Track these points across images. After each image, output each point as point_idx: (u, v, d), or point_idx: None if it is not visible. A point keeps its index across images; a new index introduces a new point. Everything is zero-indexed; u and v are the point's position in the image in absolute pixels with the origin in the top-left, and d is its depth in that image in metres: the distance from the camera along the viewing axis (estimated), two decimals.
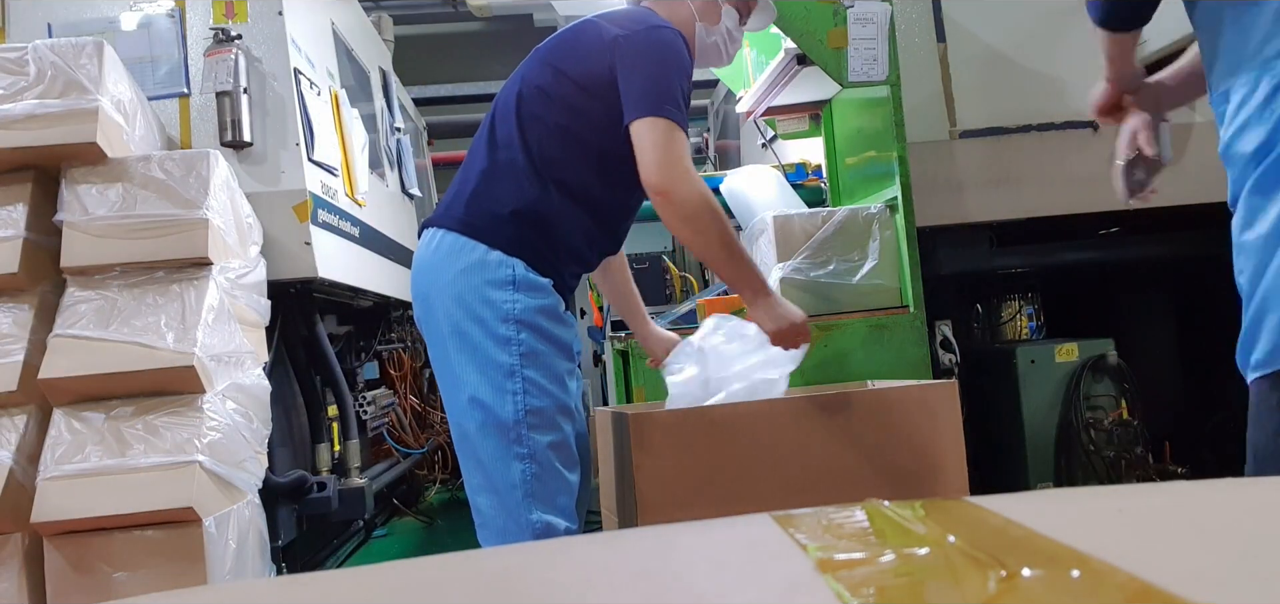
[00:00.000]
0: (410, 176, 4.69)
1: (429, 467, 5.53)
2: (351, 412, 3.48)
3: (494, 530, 1.76)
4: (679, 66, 1.78)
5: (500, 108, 1.88)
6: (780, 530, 0.62)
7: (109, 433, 2.31)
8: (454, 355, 1.75)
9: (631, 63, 1.75)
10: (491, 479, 1.74)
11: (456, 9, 7.20)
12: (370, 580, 0.63)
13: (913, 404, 1.92)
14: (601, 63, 1.78)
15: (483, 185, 1.80)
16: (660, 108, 1.72)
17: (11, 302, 2.43)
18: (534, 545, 1.42)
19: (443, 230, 1.80)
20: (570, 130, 1.80)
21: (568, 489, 1.77)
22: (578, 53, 1.84)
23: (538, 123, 1.80)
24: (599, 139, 1.79)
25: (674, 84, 1.76)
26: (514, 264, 1.74)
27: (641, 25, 1.81)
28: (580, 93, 1.80)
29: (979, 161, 3.21)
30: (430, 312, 1.80)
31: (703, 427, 1.89)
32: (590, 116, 1.79)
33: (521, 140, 1.79)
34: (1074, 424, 3.30)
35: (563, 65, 1.83)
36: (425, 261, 1.82)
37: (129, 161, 2.52)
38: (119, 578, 2.25)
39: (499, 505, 1.74)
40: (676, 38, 1.81)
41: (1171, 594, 0.44)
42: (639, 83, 1.74)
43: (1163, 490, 0.75)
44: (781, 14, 2.81)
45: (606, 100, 1.77)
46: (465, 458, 1.79)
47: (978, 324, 3.92)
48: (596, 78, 1.78)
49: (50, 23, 3.01)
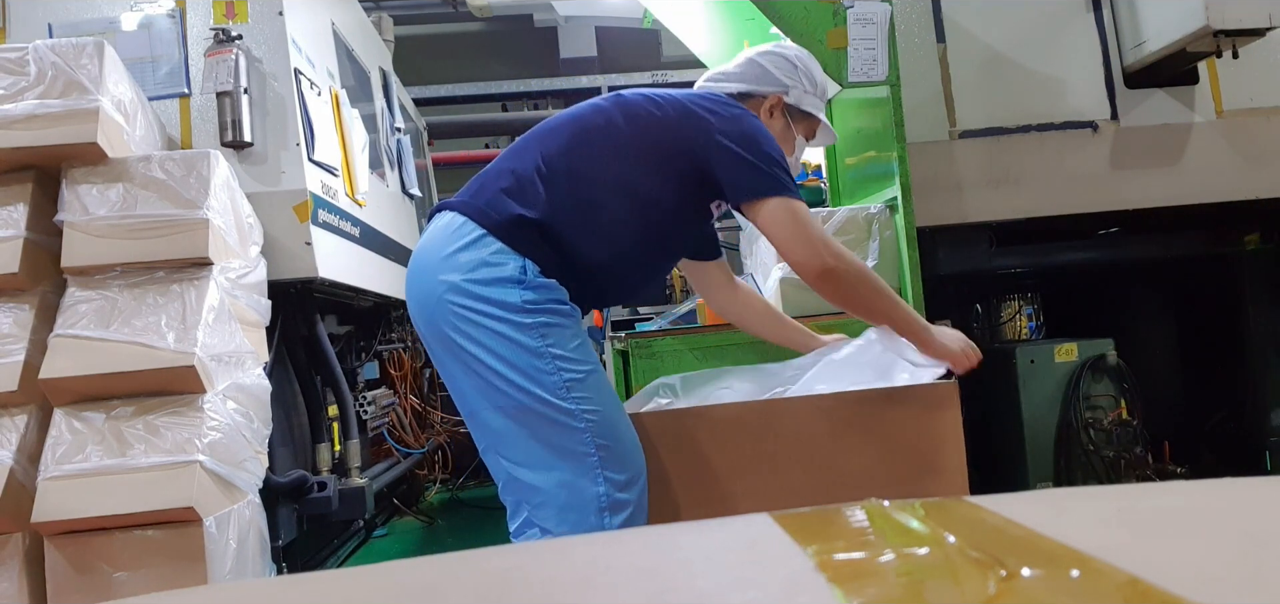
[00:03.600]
0: (410, 177, 4.69)
1: (429, 467, 5.53)
2: (352, 411, 3.48)
3: (555, 508, 1.73)
4: (773, 142, 1.83)
5: (560, 125, 1.87)
6: (780, 530, 0.62)
7: (109, 433, 2.31)
8: (469, 345, 1.71)
9: (738, 144, 1.77)
10: (542, 455, 1.71)
11: (456, 9, 7.20)
12: (370, 580, 0.63)
13: (914, 405, 1.92)
14: (680, 133, 1.80)
15: (514, 185, 1.78)
16: (785, 187, 1.77)
17: (12, 301, 2.43)
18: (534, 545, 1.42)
19: (458, 215, 1.78)
20: (622, 178, 1.80)
21: (635, 446, 1.77)
22: (657, 116, 1.83)
23: (592, 155, 1.80)
24: (646, 199, 1.80)
25: (784, 162, 1.80)
26: (526, 262, 1.72)
27: (737, 109, 1.85)
28: (646, 146, 1.80)
29: (978, 161, 3.21)
30: (433, 301, 1.75)
31: (703, 426, 1.89)
32: (646, 173, 1.80)
33: (567, 162, 1.79)
34: (1074, 424, 3.30)
35: (638, 117, 1.83)
36: (433, 240, 1.78)
37: (129, 162, 2.52)
38: (119, 578, 2.25)
39: (561, 478, 1.71)
40: (756, 119, 1.87)
41: (1171, 594, 0.45)
42: (750, 164, 1.77)
43: (1162, 490, 0.75)
44: (781, 14, 2.82)
45: (668, 167, 1.80)
46: (506, 441, 1.75)
47: (977, 324, 3.92)
48: (666, 145, 1.80)
49: (51, 23, 3.01)
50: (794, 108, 1.99)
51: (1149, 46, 3.18)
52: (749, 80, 1.97)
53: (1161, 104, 3.30)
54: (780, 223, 1.75)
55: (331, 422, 3.41)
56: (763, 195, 1.75)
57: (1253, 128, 3.32)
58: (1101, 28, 3.31)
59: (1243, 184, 3.29)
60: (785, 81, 1.97)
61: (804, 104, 1.99)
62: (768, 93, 1.97)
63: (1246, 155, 3.30)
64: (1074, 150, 3.24)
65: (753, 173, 1.76)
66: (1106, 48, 3.30)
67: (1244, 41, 3.03)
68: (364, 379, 4.11)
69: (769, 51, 2.02)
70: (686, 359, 2.55)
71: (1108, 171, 3.27)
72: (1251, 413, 3.57)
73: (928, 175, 3.08)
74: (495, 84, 7.76)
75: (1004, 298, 3.91)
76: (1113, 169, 3.26)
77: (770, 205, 1.75)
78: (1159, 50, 3.14)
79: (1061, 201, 3.25)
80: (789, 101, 1.98)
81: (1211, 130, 3.31)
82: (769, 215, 1.76)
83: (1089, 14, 3.32)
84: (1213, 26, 2.90)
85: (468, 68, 7.87)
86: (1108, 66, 3.30)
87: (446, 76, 7.63)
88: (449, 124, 7.48)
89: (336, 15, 3.74)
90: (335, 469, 3.31)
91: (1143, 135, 3.27)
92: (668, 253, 1.99)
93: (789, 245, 1.76)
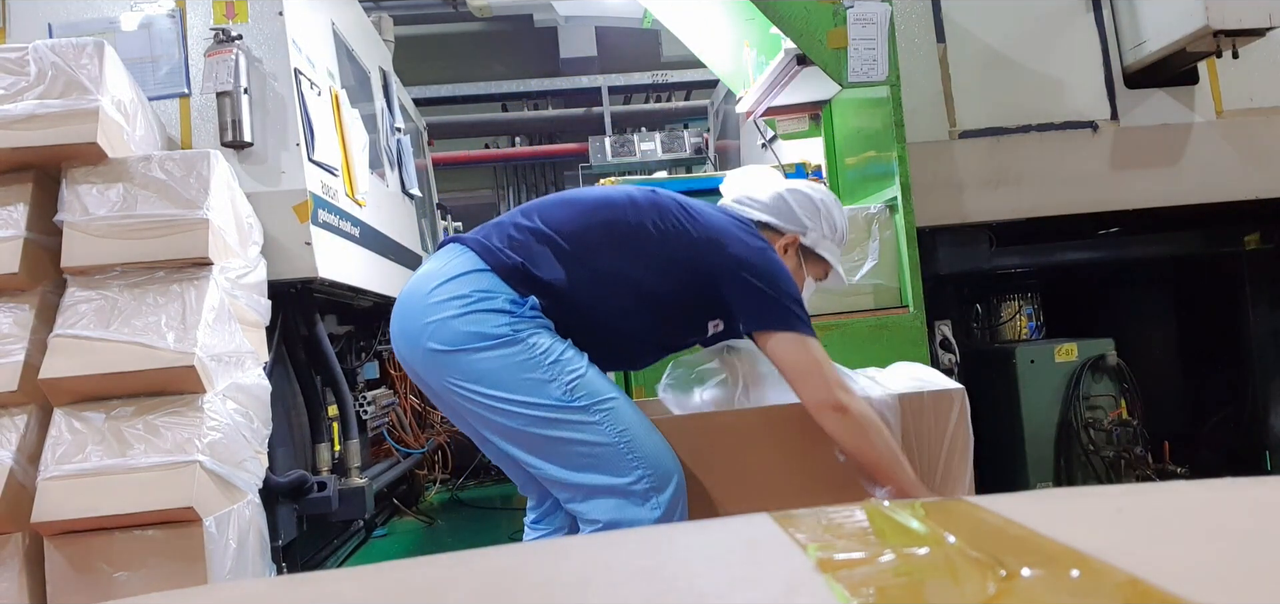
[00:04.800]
0: (410, 177, 4.69)
1: (429, 467, 5.53)
2: (351, 411, 3.48)
3: (597, 503, 1.75)
4: (791, 280, 1.87)
5: (585, 201, 1.90)
6: (780, 530, 0.62)
7: (109, 433, 2.31)
8: (460, 383, 1.74)
9: (758, 278, 1.82)
10: (569, 458, 1.73)
11: (456, 9, 7.20)
12: (370, 580, 0.63)
13: (925, 411, 1.91)
14: (706, 255, 1.84)
15: (528, 243, 1.80)
16: (802, 323, 1.81)
17: (12, 301, 2.43)
18: (534, 546, 1.42)
19: (465, 248, 1.81)
20: (636, 276, 1.83)
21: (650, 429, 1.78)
22: (687, 232, 1.86)
23: (612, 243, 1.83)
24: (655, 301, 1.84)
25: (799, 300, 1.85)
26: (523, 298, 1.74)
27: (761, 242, 1.90)
28: (668, 256, 1.84)
29: (979, 161, 3.21)
30: (417, 356, 1.77)
31: (703, 429, 1.89)
32: (661, 279, 1.84)
33: (586, 239, 1.82)
34: (1074, 424, 3.30)
35: (668, 223, 1.86)
36: (424, 276, 1.82)
37: (129, 161, 2.52)
38: (119, 578, 2.25)
39: (596, 479, 1.73)
40: (777, 256, 1.91)
41: (1171, 594, 0.45)
42: (771, 297, 1.81)
43: (1163, 490, 0.75)
44: (781, 14, 2.82)
45: (685, 281, 1.84)
46: (536, 453, 1.77)
47: (977, 324, 3.92)
48: (689, 261, 1.84)
49: (50, 23, 3.01)
50: (809, 249, 2.03)
51: (1149, 46, 3.18)
52: (773, 213, 2.01)
53: (1161, 104, 3.30)
54: (793, 356, 1.80)
55: (331, 422, 3.40)
56: (777, 327, 1.80)
57: (1253, 128, 3.32)
58: (1101, 28, 3.31)
59: (1243, 184, 3.29)
60: (806, 223, 2.01)
61: (820, 248, 2.03)
62: (788, 230, 2.01)
63: (1246, 155, 3.30)
64: (1074, 150, 3.24)
65: (772, 305, 1.81)
66: (1106, 48, 3.30)
67: (1244, 41, 3.03)
68: (364, 379, 4.11)
69: (797, 190, 2.06)
70: None
71: (1108, 171, 3.27)
72: (1251, 413, 3.57)
73: (928, 175, 3.08)
74: (495, 84, 7.77)
75: (1004, 298, 3.91)
76: (1113, 169, 3.26)
77: (783, 337, 1.80)
78: (1159, 50, 3.14)
79: (1061, 201, 3.25)
80: (805, 243, 2.02)
81: (1211, 130, 3.31)
82: (782, 347, 1.80)
83: (1089, 14, 3.32)
84: (1213, 26, 2.90)
85: (468, 68, 7.87)
86: (1108, 66, 3.30)
87: (446, 76, 7.64)
88: (449, 124, 7.48)
89: (336, 15, 3.74)
90: (335, 469, 3.31)
91: (1143, 135, 3.27)
92: (661, 348, 2.04)
93: (801, 380, 1.80)
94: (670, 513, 1.73)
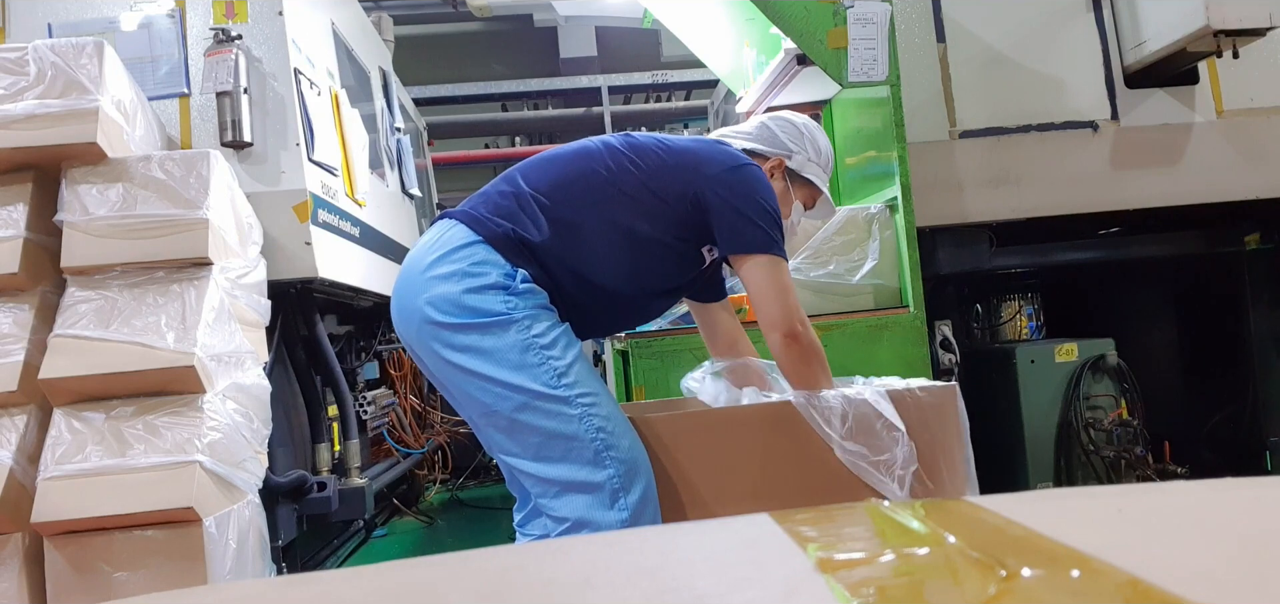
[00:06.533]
0: (410, 176, 4.69)
1: (429, 467, 5.53)
2: (351, 411, 3.48)
3: (566, 497, 1.74)
4: (772, 200, 1.87)
5: (564, 156, 1.91)
6: (780, 530, 0.62)
7: (109, 433, 2.31)
8: (454, 356, 1.74)
9: (735, 197, 1.83)
10: (545, 448, 1.73)
11: (456, 9, 7.19)
12: (370, 580, 0.63)
13: (923, 409, 1.91)
14: (684, 178, 1.84)
15: (514, 207, 1.81)
16: (773, 245, 1.82)
17: (12, 301, 2.43)
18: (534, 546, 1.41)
19: (455, 222, 1.81)
20: (619, 217, 1.83)
21: (630, 431, 1.78)
22: (665, 159, 1.88)
23: (592, 190, 1.84)
24: (640, 239, 1.84)
25: (778, 221, 1.85)
26: (515, 270, 1.75)
27: (742, 161, 1.89)
28: (649, 188, 1.84)
29: (979, 161, 3.21)
30: (414, 324, 1.78)
31: (703, 427, 1.89)
32: (643, 213, 1.84)
33: (567, 193, 1.83)
34: (1074, 424, 3.31)
35: (647, 157, 1.87)
36: (420, 250, 1.82)
37: (129, 161, 2.52)
38: (119, 578, 2.25)
39: (568, 471, 1.73)
40: (762, 174, 1.91)
41: (1171, 594, 0.44)
42: (745, 218, 1.82)
43: (1163, 490, 0.75)
44: (781, 14, 2.82)
45: (666, 210, 1.84)
46: (507, 440, 1.77)
47: (978, 324, 3.92)
48: (668, 188, 1.84)
49: (50, 23, 3.01)
50: (795, 173, 2.04)
51: (1149, 46, 3.18)
52: (757, 139, 2.03)
53: (1161, 104, 3.30)
54: (761, 278, 1.82)
55: (331, 422, 3.41)
56: (751, 250, 1.82)
57: (1253, 128, 3.32)
58: (1102, 27, 3.31)
59: (1243, 184, 3.29)
60: (790, 146, 2.03)
61: (805, 170, 2.04)
62: (772, 154, 2.02)
63: (1246, 155, 3.30)
64: (1074, 150, 3.24)
65: (746, 226, 1.82)
66: (1107, 48, 3.30)
67: (1244, 41, 3.03)
68: (364, 379, 4.11)
69: (778, 117, 2.08)
70: (686, 359, 2.55)
71: (1108, 171, 3.27)
72: (1252, 413, 3.57)
73: (928, 175, 3.08)
74: (495, 84, 7.76)
75: (1004, 298, 3.91)
76: (1113, 169, 3.26)
77: (756, 260, 1.81)
78: (1159, 50, 3.14)
79: (1062, 201, 3.25)
80: (791, 166, 2.03)
81: (1212, 130, 3.31)
82: (752, 268, 1.82)
83: (1089, 14, 3.32)
84: (1213, 26, 2.90)
85: (467, 68, 7.87)
86: (1108, 66, 3.30)
87: (446, 76, 7.64)
88: (449, 124, 7.47)
89: (336, 15, 3.74)
90: (335, 469, 3.32)
91: (1143, 135, 3.27)
92: (661, 292, 2.02)
93: (764, 300, 1.82)
94: (637, 516, 1.73)
